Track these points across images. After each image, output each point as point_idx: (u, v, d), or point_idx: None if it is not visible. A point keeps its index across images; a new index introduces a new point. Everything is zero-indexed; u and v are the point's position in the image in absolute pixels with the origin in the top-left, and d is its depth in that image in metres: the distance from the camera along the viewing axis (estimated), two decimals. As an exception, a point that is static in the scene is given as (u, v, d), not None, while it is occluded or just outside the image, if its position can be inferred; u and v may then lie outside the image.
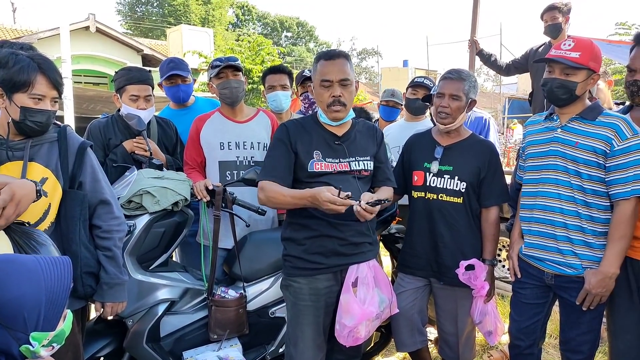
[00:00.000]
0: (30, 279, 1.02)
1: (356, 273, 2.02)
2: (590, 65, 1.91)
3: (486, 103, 21.60)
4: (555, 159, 2.01)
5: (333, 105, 1.99)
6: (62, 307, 1.07)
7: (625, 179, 1.86)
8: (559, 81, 1.95)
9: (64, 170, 1.78)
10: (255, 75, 13.96)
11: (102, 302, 1.89)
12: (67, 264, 1.10)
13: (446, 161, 2.28)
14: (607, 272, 1.89)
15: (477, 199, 2.28)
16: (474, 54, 4.56)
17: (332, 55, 2.02)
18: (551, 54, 1.97)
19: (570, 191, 1.97)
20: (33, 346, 1.03)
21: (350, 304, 1.96)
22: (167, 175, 2.32)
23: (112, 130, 2.57)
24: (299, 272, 2.04)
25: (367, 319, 1.98)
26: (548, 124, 2.09)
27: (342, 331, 1.99)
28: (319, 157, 2.01)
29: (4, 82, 1.64)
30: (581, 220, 1.96)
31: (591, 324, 2.03)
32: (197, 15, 34.87)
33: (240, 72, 2.67)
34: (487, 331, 2.32)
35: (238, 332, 2.36)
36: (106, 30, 15.47)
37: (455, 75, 2.25)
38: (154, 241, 2.26)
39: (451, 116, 2.22)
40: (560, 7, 3.79)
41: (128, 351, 2.23)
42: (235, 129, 2.65)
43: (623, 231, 1.87)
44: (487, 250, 2.28)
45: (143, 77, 2.53)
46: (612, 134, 1.88)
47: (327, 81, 1.99)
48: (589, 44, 1.93)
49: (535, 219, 2.09)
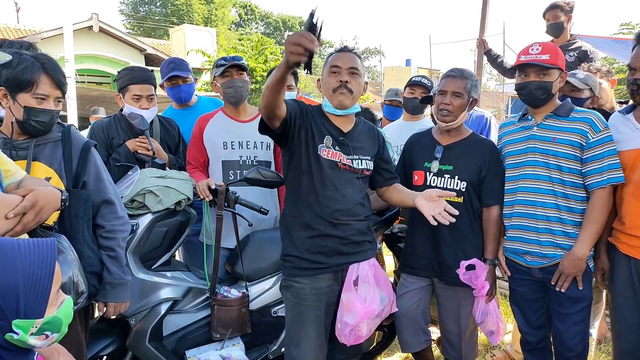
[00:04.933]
0: (3, 262, 0.95)
1: (357, 271, 2.02)
2: (559, 64, 2.05)
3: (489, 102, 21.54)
4: (534, 155, 2.10)
5: (339, 89, 1.99)
6: (46, 291, 0.99)
7: (600, 169, 1.97)
8: (536, 83, 2.05)
9: (67, 169, 1.79)
10: (259, 74, 13.97)
11: (104, 302, 1.89)
12: (50, 246, 1.02)
13: (446, 160, 2.28)
14: (578, 253, 1.98)
15: (478, 198, 2.28)
16: (482, 53, 4.55)
17: (344, 49, 2.06)
18: (522, 59, 2.07)
19: (550, 185, 2.06)
20: (17, 334, 0.97)
21: (352, 302, 1.96)
22: (170, 175, 2.32)
23: (115, 130, 2.57)
24: (301, 272, 2.04)
25: (369, 316, 1.98)
26: (523, 124, 2.19)
27: (343, 330, 1.99)
28: (329, 144, 2.02)
29: (8, 81, 1.64)
30: (560, 212, 2.05)
31: (580, 315, 2.07)
32: (199, 15, 34.89)
33: (245, 72, 2.67)
34: (489, 331, 2.32)
35: (240, 331, 2.36)
36: (109, 29, 15.51)
37: (458, 73, 2.26)
38: (157, 240, 2.26)
39: (453, 114, 2.22)
40: (562, 5, 3.77)
41: (131, 350, 2.23)
42: (239, 129, 2.65)
43: (595, 215, 1.98)
44: (488, 250, 2.27)
45: (145, 76, 2.54)
46: (587, 128, 2.00)
47: (336, 67, 2.00)
48: (554, 47, 2.08)
49: (516, 214, 2.16)
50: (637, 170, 1.93)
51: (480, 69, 4.77)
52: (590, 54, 3.63)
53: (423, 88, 3.25)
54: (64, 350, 1.30)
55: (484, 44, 4.52)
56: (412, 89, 3.32)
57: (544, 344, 2.25)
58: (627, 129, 2.00)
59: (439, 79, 2.35)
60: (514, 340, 2.95)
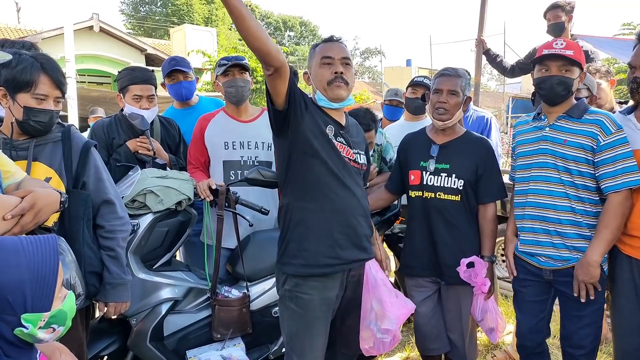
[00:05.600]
0: (8, 260, 0.98)
1: (373, 272, 1.95)
2: (582, 62, 1.99)
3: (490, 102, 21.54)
4: (545, 157, 2.05)
5: (335, 81, 1.89)
6: (51, 285, 1.02)
7: (614, 172, 1.91)
8: (558, 78, 1.98)
9: (67, 170, 1.79)
10: (259, 74, 13.97)
11: (105, 302, 1.89)
12: (52, 242, 1.05)
13: (442, 159, 2.27)
14: (589, 260, 1.92)
15: (474, 196, 2.28)
16: (481, 53, 4.55)
17: (332, 39, 1.97)
18: (546, 52, 1.99)
19: (563, 187, 2.01)
20: (27, 328, 1.00)
21: (386, 306, 1.88)
22: (171, 175, 2.33)
23: (116, 130, 2.57)
24: (313, 271, 1.88)
25: (409, 315, 1.94)
26: (536, 124, 2.13)
27: (385, 338, 1.90)
28: (332, 134, 1.92)
29: (7, 82, 1.64)
30: (575, 215, 2.00)
31: (593, 317, 2.03)
32: (200, 15, 34.89)
33: (247, 72, 2.67)
34: (489, 328, 2.32)
35: (241, 331, 2.36)
36: (110, 30, 15.52)
37: (452, 72, 2.27)
38: (158, 240, 2.26)
39: (449, 112, 2.23)
40: (563, 5, 3.77)
41: (132, 350, 2.23)
42: (240, 129, 2.65)
43: (606, 220, 1.92)
44: (485, 247, 2.27)
45: (146, 77, 2.54)
46: (597, 130, 1.94)
47: (329, 57, 1.90)
48: (577, 45, 2.02)
49: (528, 216, 2.12)
50: None
51: (479, 69, 4.76)
52: (591, 54, 3.63)
53: (425, 88, 3.25)
54: (65, 349, 1.30)
55: (482, 44, 4.52)
56: (415, 89, 3.33)
57: (541, 348, 2.22)
58: (628, 129, 1.98)
59: (433, 78, 2.35)
60: (514, 341, 2.95)
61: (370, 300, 1.94)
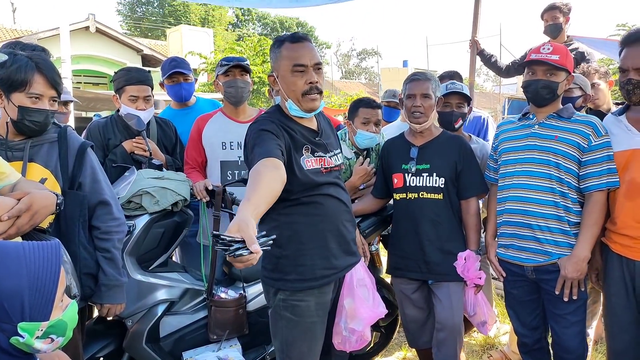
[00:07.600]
0: (8, 266, 0.95)
1: (355, 275, 1.97)
2: (568, 66, 2.06)
3: (486, 103, 21.57)
4: (532, 152, 2.11)
5: (310, 93, 1.78)
6: (51, 294, 0.99)
7: (599, 172, 1.99)
8: (543, 82, 2.07)
9: (63, 170, 1.78)
10: (256, 75, 13.98)
11: (100, 304, 1.88)
12: (54, 248, 1.02)
13: (422, 160, 2.34)
14: (580, 256, 1.98)
15: (456, 193, 2.34)
16: (475, 54, 4.56)
17: (300, 38, 1.80)
18: (532, 57, 2.07)
19: (549, 182, 2.06)
20: (23, 337, 0.96)
21: (357, 307, 1.91)
22: (167, 176, 2.32)
23: (112, 131, 2.57)
24: (311, 284, 1.84)
25: (377, 319, 1.96)
26: (524, 122, 2.20)
27: (350, 337, 1.93)
28: (309, 152, 1.83)
29: (2, 81, 1.64)
30: (558, 210, 2.05)
31: (577, 314, 2.07)
32: (197, 16, 34.86)
33: (248, 74, 2.68)
34: (481, 322, 2.36)
35: (238, 332, 2.36)
36: (106, 30, 15.49)
37: (422, 76, 2.36)
38: (154, 241, 2.26)
39: (425, 115, 2.30)
40: (560, 6, 3.78)
41: (128, 352, 2.22)
42: (237, 129, 2.64)
43: (595, 219, 1.99)
44: (471, 241, 2.32)
45: (142, 77, 2.53)
46: (590, 131, 2.02)
47: (301, 65, 1.76)
48: (564, 49, 2.09)
49: (507, 210, 2.17)
50: (628, 171, 1.95)
51: (473, 70, 4.77)
52: (587, 55, 3.65)
53: None
54: (63, 355, 1.29)
55: (476, 45, 4.53)
56: None
57: (540, 344, 2.26)
58: (619, 130, 2.02)
59: (404, 84, 2.39)
60: (510, 342, 2.96)
61: (344, 299, 1.97)
